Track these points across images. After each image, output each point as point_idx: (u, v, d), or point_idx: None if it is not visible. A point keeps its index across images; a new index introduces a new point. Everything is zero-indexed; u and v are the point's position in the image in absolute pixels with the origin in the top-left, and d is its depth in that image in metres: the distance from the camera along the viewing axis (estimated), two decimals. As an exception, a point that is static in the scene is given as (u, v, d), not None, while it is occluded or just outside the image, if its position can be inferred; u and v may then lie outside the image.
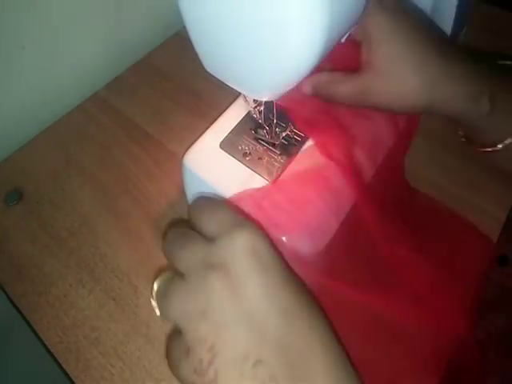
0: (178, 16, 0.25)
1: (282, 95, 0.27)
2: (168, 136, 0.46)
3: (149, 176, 0.43)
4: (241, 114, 0.34)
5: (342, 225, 0.31)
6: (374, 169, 0.33)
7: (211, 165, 0.32)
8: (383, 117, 0.34)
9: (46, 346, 0.35)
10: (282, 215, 0.29)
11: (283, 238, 0.28)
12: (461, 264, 0.34)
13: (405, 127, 0.36)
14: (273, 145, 0.32)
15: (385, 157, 0.34)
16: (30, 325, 0.36)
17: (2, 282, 0.38)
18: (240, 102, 0.35)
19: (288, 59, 0.23)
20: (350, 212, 0.31)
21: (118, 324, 0.35)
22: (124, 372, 0.33)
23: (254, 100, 0.30)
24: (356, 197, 0.30)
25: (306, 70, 0.24)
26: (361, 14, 0.24)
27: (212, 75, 0.28)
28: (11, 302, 0.37)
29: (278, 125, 0.32)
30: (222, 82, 0.28)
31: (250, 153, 0.32)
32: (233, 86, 0.28)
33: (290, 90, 0.26)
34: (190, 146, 0.33)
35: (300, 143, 0.32)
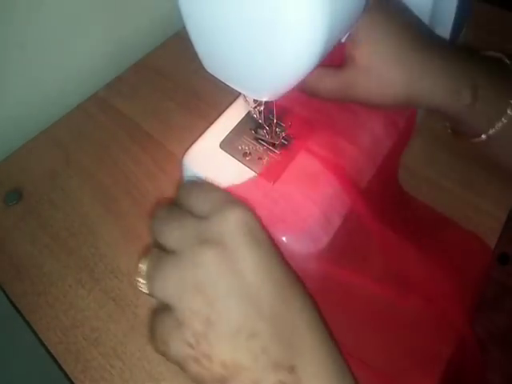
0: (178, 16, 0.24)
1: (282, 95, 0.26)
2: (168, 136, 0.46)
3: (149, 176, 0.43)
4: (241, 113, 0.34)
5: (342, 225, 0.31)
6: (373, 169, 0.33)
7: (211, 165, 0.32)
8: (383, 117, 0.34)
9: (45, 347, 0.34)
10: (281, 215, 0.29)
11: (283, 238, 0.28)
12: (458, 269, 0.34)
13: (404, 127, 0.36)
14: (273, 145, 0.32)
15: (384, 157, 0.34)
16: (29, 325, 0.36)
17: (1, 281, 0.38)
18: (240, 102, 0.35)
19: (288, 59, 0.22)
20: (350, 212, 0.31)
21: (117, 324, 0.35)
22: (124, 372, 0.33)
23: (254, 100, 0.30)
24: (353, 201, 0.31)
25: (307, 70, 0.24)
26: (361, 13, 0.24)
27: (212, 75, 0.28)
28: (11, 302, 0.37)
29: (277, 125, 0.32)
30: (221, 82, 0.28)
31: (249, 153, 0.32)
32: (233, 86, 0.28)
33: (290, 90, 0.26)
34: (190, 145, 0.33)
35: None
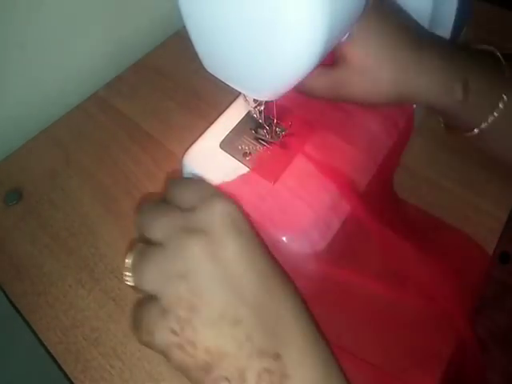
0: (178, 15, 0.24)
1: (282, 95, 0.26)
2: (168, 136, 0.46)
3: (149, 176, 0.43)
4: (241, 113, 0.34)
5: (341, 227, 0.30)
6: (373, 170, 0.33)
7: (211, 165, 0.32)
8: (382, 117, 0.34)
9: (45, 347, 0.34)
10: (280, 214, 0.29)
11: (283, 238, 0.28)
12: (456, 271, 0.34)
13: (403, 128, 0.36)
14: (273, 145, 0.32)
15: (384, 158, 0.34)
16: (29, 325, 0.36)
17: (1, 281, 0.38)
18: (240, 102, 0.35)
19: (288, 59, 0.22)
20: (349, 215, 0.31)
21: (117, 324, 0.35)
22: (124, 373, 0.33)
23: (254, 100, 0.30)
24: (352, 204, 0.31)
25: (307, 70, 0.24)
26: (361, 13, 0.24)
27: (212, 75, 0.28)
28: (10, 302, 0.37)
29: (278, 124, 0.32)
30: (222, 81, 0.27)
31: (250, 153, 0.32)
32: (233, 86, 0.27)
33: (290, 89, 0.26)
34: (190, 145, 0.33)
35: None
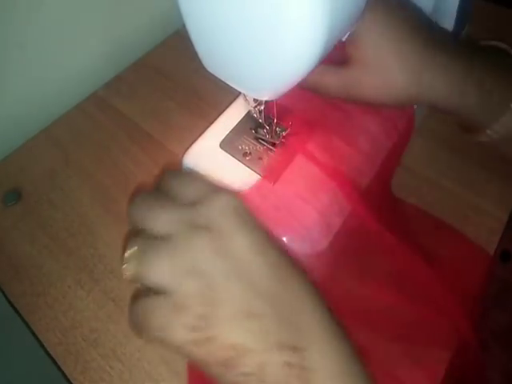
0: (178, 14, 0.24)
1: (282, 94, 0.26)
2: (168, 136, 0.46)
3: (148, 176, 0.43)
4: (241, 113, 0.34)
5: (341, 227, 0.30)
6: (373, 171, 0.33)
7: (211, 165, 0.32)
8: (382, 119, 0.34)
9: (44, 348, 0.34)
10: (281, 214, 0.29)
11: (283, 239, 0.28)
12: (454, 273, 0.34)
13: (403, 129, 0.35)
14: (273, 144, 0.32)
15: (384, 159, 0.34)
16: (28, 326, 0.36)
17: (0, 282, 0.38)
18: (240, 102, 0.35)
19: (288, 59, 0.22)
20: (349, 215, 0.31)
21: (117, 325, 0.35)
22: (123, 373, 0.33)
23: (254, 99, 0.30)
24: (352, 205, 0.31)
25: (308, 69, 0.23)
26: (362, 12, 0.24)
27: (212, 74, 0.27)
28: (9, 302, 0.37)
29: (278, 124, 0.32)
30: (222, 81, 0.27)
31: (250, 152, 0.32)
32: (233, 85, 0.27)
33: (290, 89, 0.26)
34: (190, 145, 0.33)
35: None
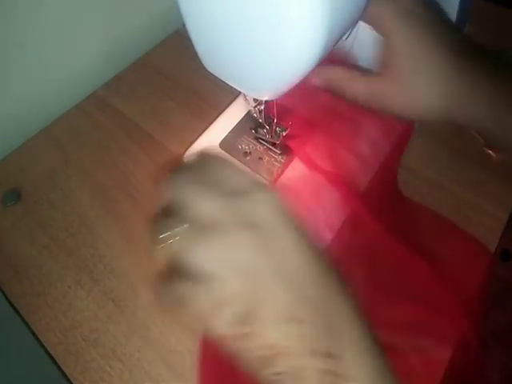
0: (178, 14, 0.24)
1: (282, 94, 0.26)
2: (168, 136, 0.46)
3: (148, 176, 0.43)
4: (241, 113, 0.34)
5: (341, 228, 0.30)
6: (372, 172, 0.33)
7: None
8: (380, 120, 0.34)
9: (44, 348, 0.34)
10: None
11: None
12: (457, 272, 0.34)
13: (402, 129, 0.35)
14: (273, 144, 0.32)
15: (383, 159, 0.34)
16: (28, 326, 0.35)
17: (0, 282, 0.38)
18: (240, 101, 0.35)
19: (288, 59, 0.22)
20: (349, 216, 0.31)
21: (117, 325, 0.35)
22: (123, 373, 0.33)
23: (254, 99, 0.30)
24: (351, 206, 0.30)
25: (307, 69, 0.23)
26: (362, 12, 0.24)
27: (212, 74, 0.27)
28: (9, 302, 0.37)
29: (278, 124, 0.32)
30: (222, 81, 0.27)
31: (250, 152, 0.32)
32: (233, 85, 0.27)
33: (290, 88, 0.25)
34: (190, 145, 0.33)
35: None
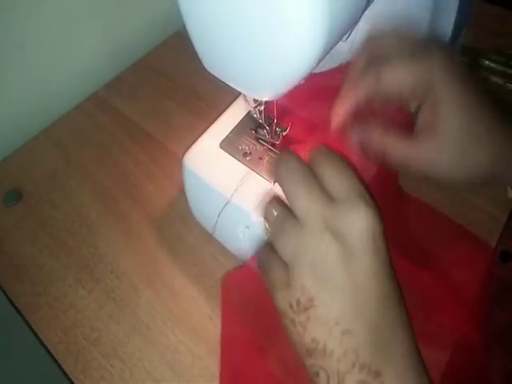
0: (178, 15, 0.24)
1: (282, 95, 0.26)
2: (168, 136, 0.46)
3: (148, 176, 0.43)
4: (241, 113, 0.34)
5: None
6: (372, 170, 0.33)
7: (211, 165, 0.32)
8: (380, 120, 0.34)
9: (45, 347, 0.34)
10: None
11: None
12: (458, 270, 0.34)
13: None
14: (273, 144, 0.32)
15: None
16: (29, 325, 0.36)
17: (1, 281, 0.38)
18: (240, 102, 0.35)
19: (288, 60, 0.22)
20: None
21: (117, 325, 0.35)
22: (124, 372, 0.33)
23: (255, 99, 0.30)
24: None
25: (307, 70, 0.23)
26: (361, 13, 0.24)
27: (212, 74, 0.27)
28: (10, 301, 0.37)
29: (278, 124, 0.32)
30: (222, 81, 0.27)
31: (250, 153, 0.32)
32: (233, 86, 0.27)
33: (290, 89, 0.26)
34: (190, 145, 0.33)
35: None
